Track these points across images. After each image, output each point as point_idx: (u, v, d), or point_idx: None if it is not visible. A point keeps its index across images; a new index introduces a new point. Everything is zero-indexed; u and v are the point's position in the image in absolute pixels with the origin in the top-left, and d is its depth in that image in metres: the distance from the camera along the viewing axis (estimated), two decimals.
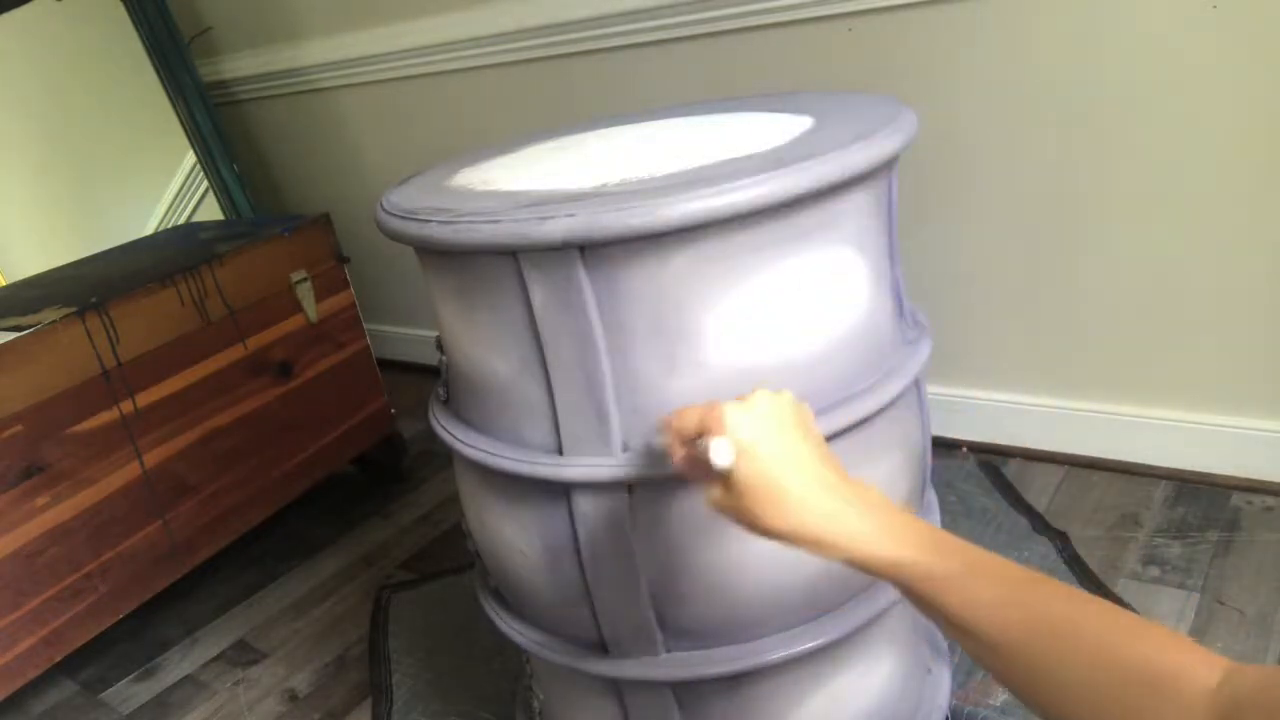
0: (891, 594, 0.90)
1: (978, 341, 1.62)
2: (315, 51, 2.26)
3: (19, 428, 1.36)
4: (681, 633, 0.86)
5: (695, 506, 0.80)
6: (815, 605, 0.87)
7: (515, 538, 0.89)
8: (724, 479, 0.65)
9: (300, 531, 1.86)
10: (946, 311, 1.60)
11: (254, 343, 1.66)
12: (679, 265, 0.74)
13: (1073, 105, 1.39)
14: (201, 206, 2.30)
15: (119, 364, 1.48)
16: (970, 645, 0.57)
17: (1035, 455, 1.62)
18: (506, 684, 1.32)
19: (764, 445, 0.64)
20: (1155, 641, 0.51)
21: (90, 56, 2.28)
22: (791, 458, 0.64)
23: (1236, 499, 1.43)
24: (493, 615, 1.01)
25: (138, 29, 2.17)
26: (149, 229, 2.23)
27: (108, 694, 1.52)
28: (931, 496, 1.02)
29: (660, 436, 0.73)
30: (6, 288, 1.85)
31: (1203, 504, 1.43)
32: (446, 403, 0.97)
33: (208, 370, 1.59)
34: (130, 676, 1.55)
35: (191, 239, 1.85)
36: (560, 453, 0.81)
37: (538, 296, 0.76)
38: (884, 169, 0.83)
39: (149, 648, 1.61)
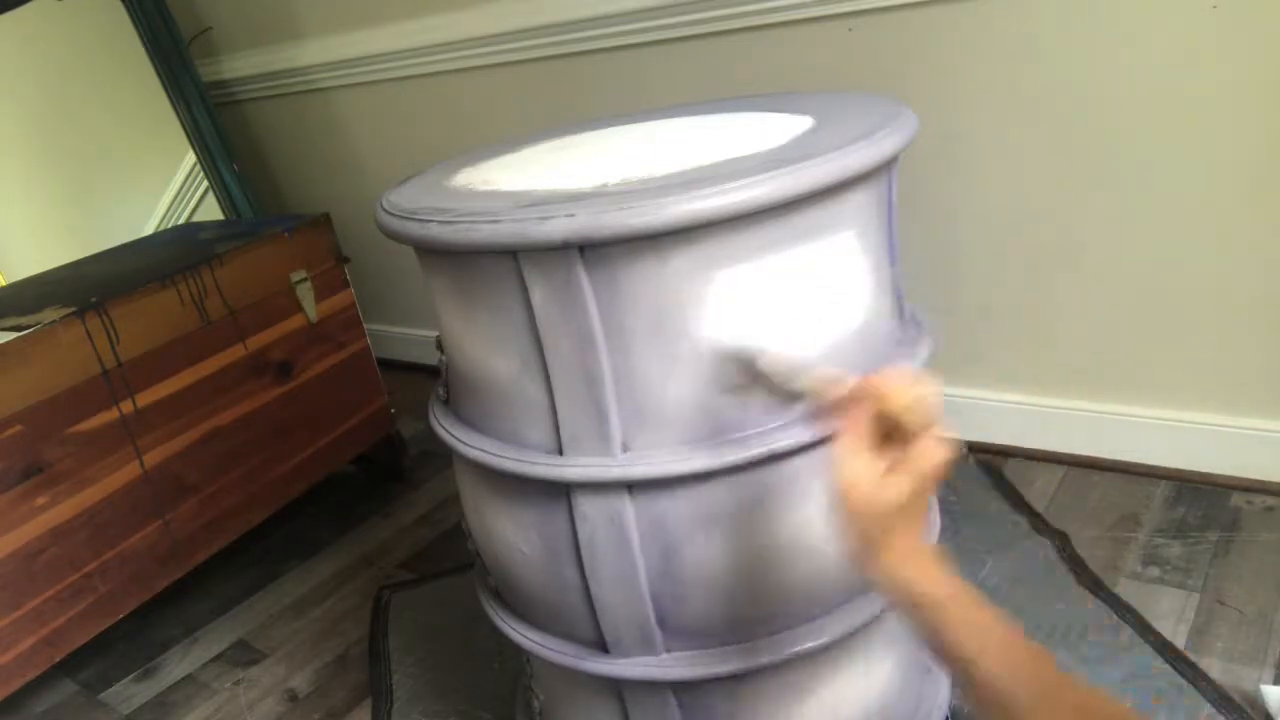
0: None
1: (978, 341, 1.62)
2: (315, 51, 2.26)
3: (19, 428, 1.36)
4: (681, 633, 0.86)
5: (695, 506, 0.80)
6: (815, 605, 0.87)
7: (515, 538, 0.89)
8: (921, 475, 0.64)
9: (300, 531, 1.86)
10: (946, 311, 1.60)
11: (254, 343, 1.66)
12: (679, 265, 0.73)
13: (1072, 105, 1.39)
14: (201, 206, 2.30)
15: (119, 364, 1.48)
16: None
17: (1035, 455, 1.62)
18: (506, 684, 1.32)
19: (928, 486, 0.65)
20: None
21: (90, 56, 2.28)
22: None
23: (1236, 499, 1.43)
24: (493, 615, 1.01)
25: (138, 29, 2.17)
26: (149, 229, 2.23)
27: (108, 694, 1.52)
28: (931, 497, 1.02)
29: (837, 384, 0.70)
30: (6, 288, 1.85)
31: (1203, 504, 1.43)
32: (446, 403, 0.97)
33: (208, 370, 1.59)
34: (130, 676, 1.55)
35: (191, 239, 1.85)
36: (560, 453, 0.81)
37: (538, 296, 0.76)
38: (884, 169, 0.83)
39: (149, 648, 1.61)
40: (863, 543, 0.66)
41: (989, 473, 1.59)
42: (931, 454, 0.64)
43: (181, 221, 2.29)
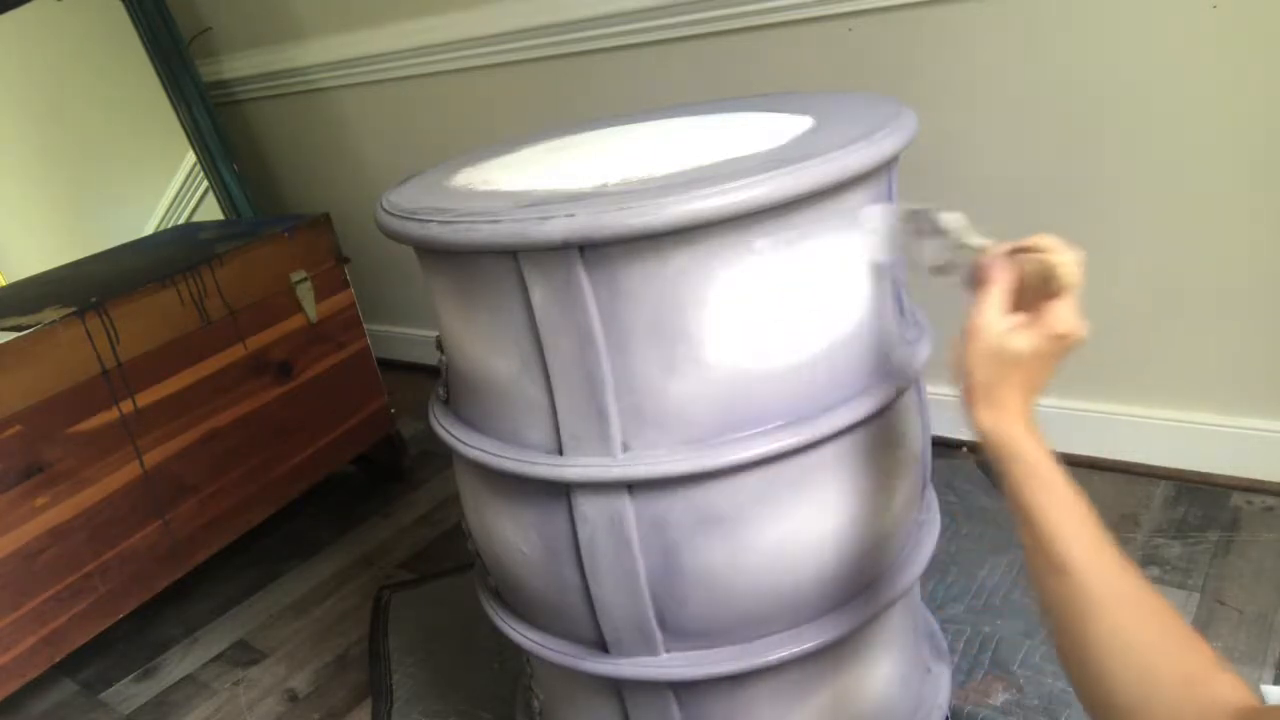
0: (891, 593, 0.90)
1: None
2: (315, 51, 2.26)
3: (19, 428, 1.36)
4: (681, 633, 0.86)
5: (695, 506, 0.80)
6: (815, 605, 0.87)
7: (515, 538, 0.89)
8: (1054, 334, 0.67)
9: (300, 531, 1.86)
10: (946, 311, 1.60)
11: (254, 343, 1.66)
12: (679, 265, 0.74)
13: (1072, 105, 1.39)
14: (201, 206, 2.30)
15: (119, 364, 1.48)
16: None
17: None
18: (506, 684, 1.32)
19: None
20: (1205, 654, 0.60)
21: (90, 56, 2.28)
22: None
23: (1236, 499, 1.43)
24: (493, 615, 1.01)
25: (138, 29, 2.17)
26: (149, 229, 2.23)
27: (108, 694, 1.52)
28: (931, 496, 1.02)
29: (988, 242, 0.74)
30: (6, 288, 1.85)
31: (1203, 504, 1.43)
32: (446, 403, 0.97)
33: (208, 370, 1.59)
34: (130, 676, 1.55)
35: (191, 239, 1.85)
36: (560, 453, 0.81)
37: (538, 296, 0.76)
38: (884, 169, 0.83)
39: (149, 648, 1.61)
40: (975, 386, 0.70)
41: (989, 473, 1.59)
42: (1064, 319, 0.67)
43: (181, 221, 2.29)
